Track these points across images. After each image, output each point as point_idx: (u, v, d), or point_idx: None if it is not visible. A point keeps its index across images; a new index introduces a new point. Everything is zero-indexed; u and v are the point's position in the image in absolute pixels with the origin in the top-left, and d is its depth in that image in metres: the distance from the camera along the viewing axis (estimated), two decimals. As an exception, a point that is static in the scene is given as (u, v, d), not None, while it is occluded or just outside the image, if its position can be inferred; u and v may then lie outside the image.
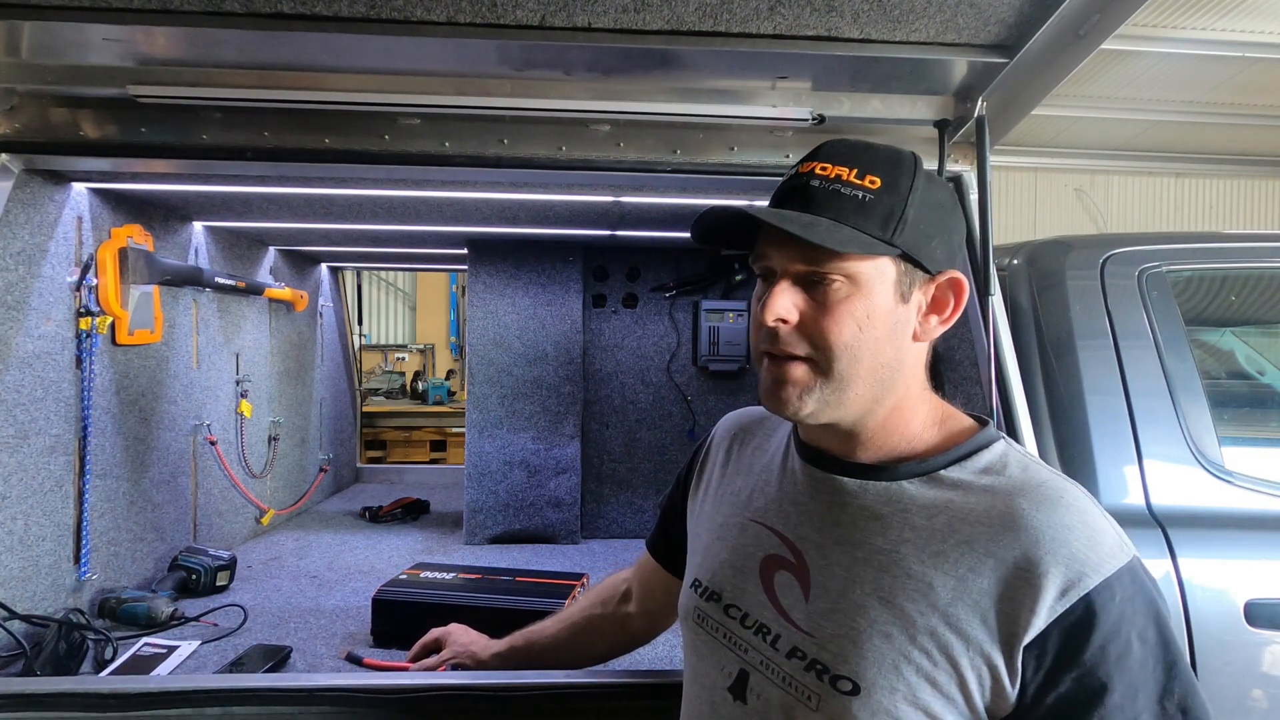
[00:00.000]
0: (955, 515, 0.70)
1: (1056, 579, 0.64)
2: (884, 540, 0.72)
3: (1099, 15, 1.14)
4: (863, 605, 0.70)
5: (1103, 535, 0.67)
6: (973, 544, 0.68)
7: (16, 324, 1.42)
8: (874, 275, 0.72)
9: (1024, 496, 0.69)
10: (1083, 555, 0.65)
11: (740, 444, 0.94)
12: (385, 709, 1.12)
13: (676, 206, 1.85)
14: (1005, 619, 0.64)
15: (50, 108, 1.38)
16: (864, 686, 0.67)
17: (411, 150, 1.44)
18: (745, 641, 0.78)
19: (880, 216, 0.71)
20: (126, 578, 1.76)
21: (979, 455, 0.74)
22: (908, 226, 0.72)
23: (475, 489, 2.38)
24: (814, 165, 0.74)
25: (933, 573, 0.68)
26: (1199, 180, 6.74)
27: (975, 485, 0.72)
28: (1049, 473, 0.72)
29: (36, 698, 1.08)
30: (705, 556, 0.87)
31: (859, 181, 0.72)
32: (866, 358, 0.72)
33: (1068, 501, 0.68)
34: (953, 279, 0.76)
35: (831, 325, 0.71)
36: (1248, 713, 1.24)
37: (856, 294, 0.71)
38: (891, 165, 0.74)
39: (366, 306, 7.67)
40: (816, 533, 0.77)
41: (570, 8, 1.14)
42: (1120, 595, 0.64)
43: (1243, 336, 1.68)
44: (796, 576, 0.76)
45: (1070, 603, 0.63)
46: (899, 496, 0.73)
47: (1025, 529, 0.66)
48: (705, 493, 0.95)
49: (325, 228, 2.18)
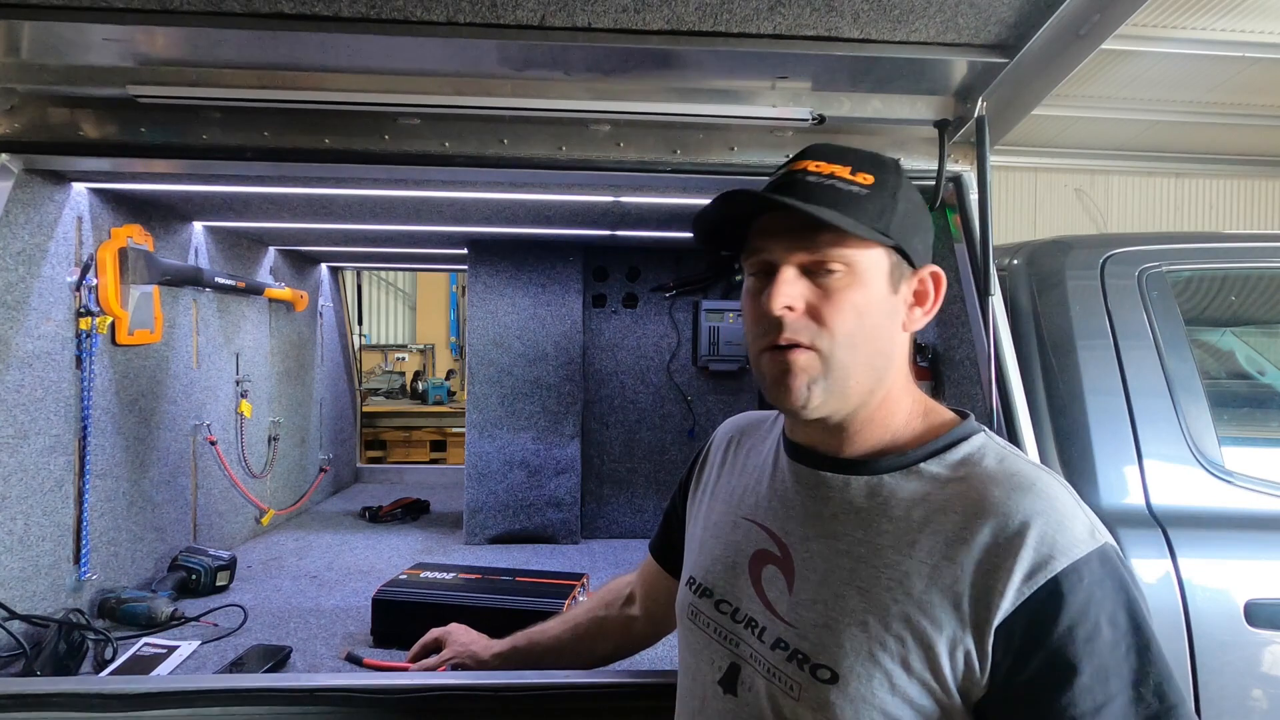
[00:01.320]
0: (932, 507, 0.72)
1: (1025, 562, 0.65)
2: (864, 533, 0.74)
3: (1099, 15, 1.14)
4: (841, 595, 0.72)
5: (1072, 521, 0.68)
6: (946, 533, 0.69)
7: (16, 324, 1.42)
8: (871, 265, 0.74)
9: (996, 485, 0.70)
10: (1051, 538, 0.66)
11: (737, 446, 0.96)
12: (385, 709, 1.12)
13: (676, 206, 1.85)
14: (976, 603, 0.66)
15: (50, 108, 1.37)
16: (841, 674, 0.69)
17: (411, 150, 1.44)
18: (736, 635, 0.79)
19: (875, 210, 0.74)
20: (126, 578, 1.76)
21: (957, 448, 0.75)
22: (898, 221, 0.75)
23: (475, 489, 2.38)
24: (806, 164, 0.76)
25: (908, 562, 0.70)
26: (1199, 180, 6.75)
27: (950, 477, 0.73)
28: (1025, 463, 0.74)
29: (36, 698, 1.08)
30: (700, 555, 0.89)
31: (853, 178, 0.75)
32: (864, 346, 0.74)
33: (1039, 489, 0.69)
34: (934, 272, 0.79)
35: (834, 313, 0.73)
36: (1248, 713, 1.24)
37: (856, 282, 0.73)
38: (879, 165, 0.77)
39: (366, 306, 7.68)
40: (801, 527, 0.78)
41: (570, 8, 1.14)
42: (1089, 579, 0.65)
43: (1243, 336, 1.68)
44: (782, 570, 0.78)
45: (1037, 585, 0.64)
46: (879, 490, 0.75)
47: (995, 514, 0.68)
48: (703, 494, 0.96)
49: (325, 228, 2.18)
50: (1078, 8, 1.13)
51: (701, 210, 0.79)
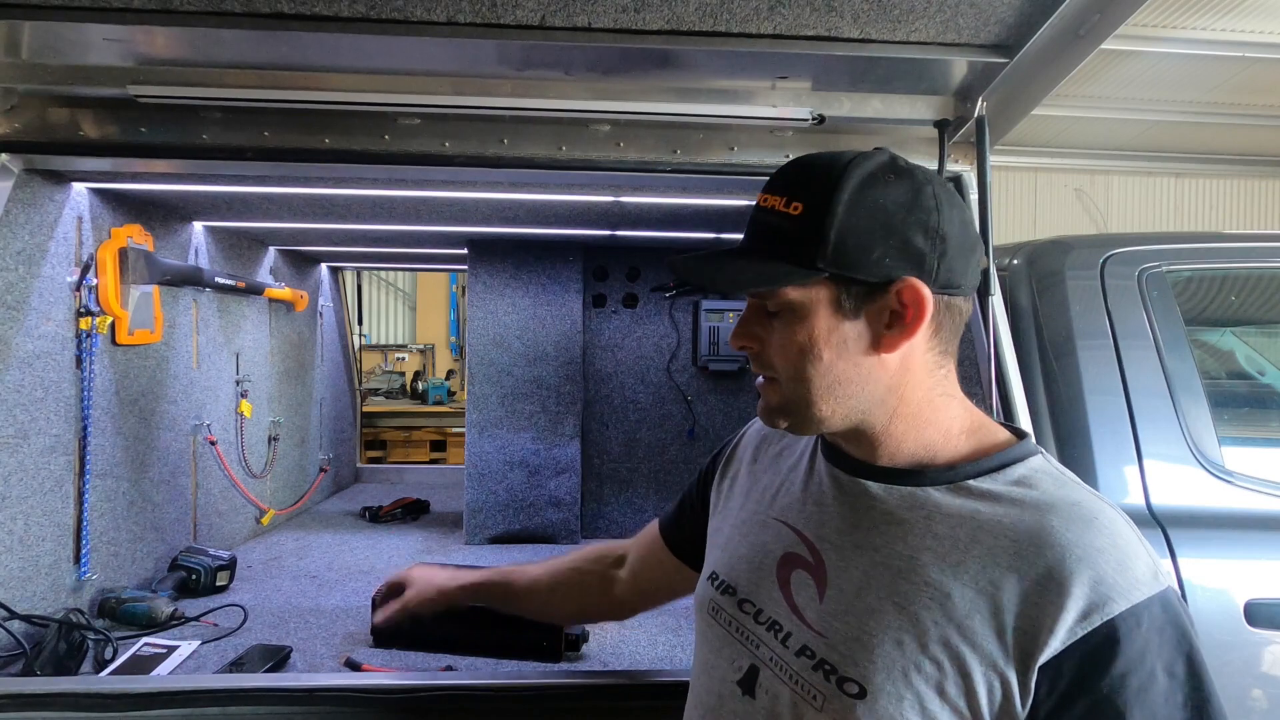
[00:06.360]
0: (980, 526, 0.68)
1: (1080, 600, 0.62)
2: (904, 546, 0.71)
3: (1099, 15, 1.14)
4: (877, 609, 0.69)
5: (1135, 560, 0.64)
6: (996, 557, 0.66)
7: (16, 324, 1.42)
8: (808, 300, 0.71)
9: (1055, 514, 0.67)
10: (1111, 579, 0.62)
11: (769, 444, 0.94)
12: (385, 709, 1.12)
13: (676, 206, 1.85)
14: (1022, 635, 0.63)
15: (50, 108, 1.38)
16: (871, 691, 0.66)
17: (411, 150, 1.44)
18: (757, 637, 0.78)
19: (801, 242, 0.70)
20: (126, 578, 1.76)
21: (1012, 468, 0.72)
22: (833, 246, 0.69)
23: (475, 489, 2.38)
24: (763, 195, 0.76)
25: (951, 582, 0.67)
26: (1199, 180, 6.75)
27: (1005, 497, 0.70)
28: (1086, 492, 0.70)
29: (36, 698, 1.08)
30: (724, 551, 0.87)
31: (785, 210, 0.72)
32: (816, 379, 0.73)
33: (1102, 523, 0.66)
34: (902, 288, 0.70)
35: (776, 352, 0.74)
36: (1248, 713, 1.24)
37: (796, 320, 0.72)
38: (820, 183, 0.71)
39: (366, 306, 7.67)
40: (837, 534, 0.76)
41: (570, 8, 1.14)
42: (1147, 624, 0.62)
43: (1243, 336, 1.68)
44: (813, 576, 0.76)
45: (1092, 626, 0.61)
46: (923, 503, 0.72)
47: (1052, 546, 0.64)
48: (731, 489, 0.95)
49: (325, 228, 2.18)
50: (1078, 8, 1.13)
51: (668, 280, 0.82)
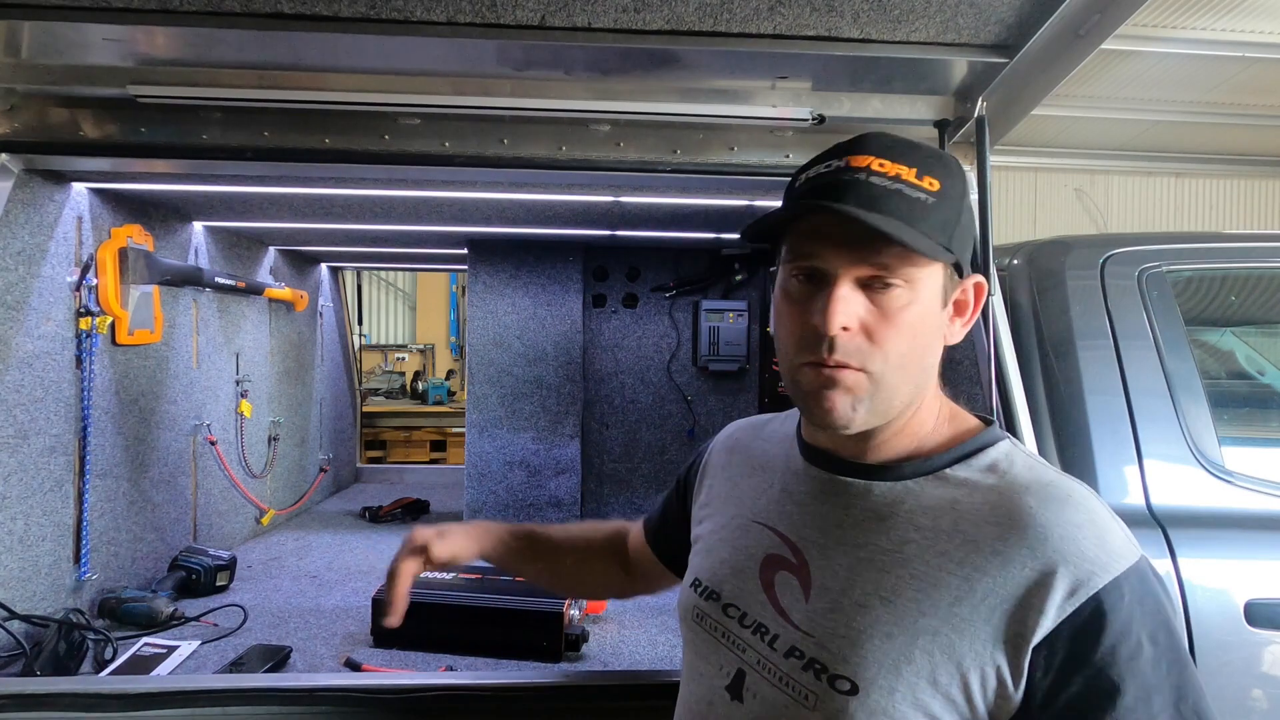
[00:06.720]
0: (960, 514, 0.69)
1: (1065, 578, 0.63)
2: (888, 540, 0.71)
3: (1099, 15, 1.14)
4: (864, 605, 0.69)
5: (1111, 535, 0.66)
6: (978, 543, 0.67)
7: (16, 324, 1.42)
8: (930, 281, 0.70)
9: (1030, 495, 0.68)
10: (1091, 554, 0.64)
11: (742, 450, 0.94)
12: (385, 709, 1.12)
13: (676, 206, 1.85)
14: (1012, 619, 0.64)
15: (50, 108, 1.37)
16: (862, 686, 0.67)
17: (411, 150, 1.44)
18: (743, 641, 0.77)
19: (940, 221, 0.68)
20: (126, 578, 1.76)
21: (984, 453, 0.73)
22: (960, 233, 0.70)
23: (475, 489, 2.38)
24: (869, 160, 0.69)
25: (937, 573, 0.67)
26: (1199, 180, 6.74)
27: (980, 484, 0.71)
28: (1055, 472, 0.72)
29: (36, 698, 1.08)
30: (706, 557, 0.87)
31: (919, 182, 0.68)
32: (913, 365, 0.71)
33: (1076, 500, 0.68)
34: (978, 283, 0.76)
35: (892, 335, 0.68)
36: (1248, 713, 1.24)
37: (914, 300, 0.69)
38: (945, 168, 0.71)
39: (366, 306, 7.68)
40: (819, 533, 0.76)
41: (570, 8, 1.14)
42: (1129, 595, 0.63)
43: (1243, 336, 1.68)
44: (797, 576, 0.76)
45: (1079, 602, 0.63)
46: (904, 496, 0.73)
47: (1032, 527, 0.66)
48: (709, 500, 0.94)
49: (325, 228, 2.18)
50: (1078, 8, 1.13)
51: (772, 214, 0.72)
